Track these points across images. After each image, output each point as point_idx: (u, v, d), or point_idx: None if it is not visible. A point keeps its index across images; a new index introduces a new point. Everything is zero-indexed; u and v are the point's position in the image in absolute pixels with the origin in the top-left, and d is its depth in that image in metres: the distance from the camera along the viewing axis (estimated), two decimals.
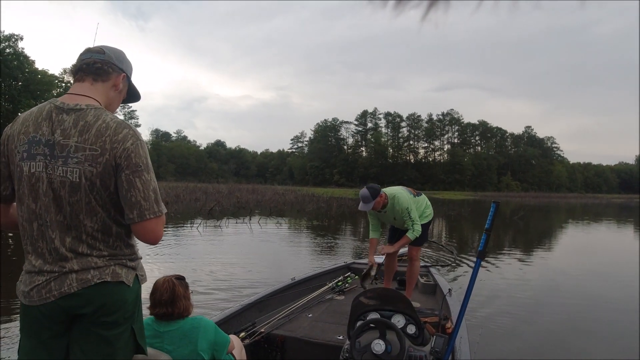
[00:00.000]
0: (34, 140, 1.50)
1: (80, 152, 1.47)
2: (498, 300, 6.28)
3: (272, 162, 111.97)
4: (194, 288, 5.90)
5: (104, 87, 1.61)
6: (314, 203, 27.81)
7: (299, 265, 8.08)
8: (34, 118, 1.53)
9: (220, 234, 12.81)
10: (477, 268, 2.62)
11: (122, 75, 1.66)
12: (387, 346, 2.48)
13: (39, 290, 1.48)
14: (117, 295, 1.53)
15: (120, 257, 1.57)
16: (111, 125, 1.51)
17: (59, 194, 1.49)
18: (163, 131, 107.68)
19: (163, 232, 1.60)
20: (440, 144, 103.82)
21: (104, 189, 1.50)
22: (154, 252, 8.72)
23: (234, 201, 25.86)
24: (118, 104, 1.71)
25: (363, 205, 4.19)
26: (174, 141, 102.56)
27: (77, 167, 1.47)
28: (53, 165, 1.48)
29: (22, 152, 1.51)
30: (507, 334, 4.92)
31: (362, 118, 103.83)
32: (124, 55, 1.70)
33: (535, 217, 25.94)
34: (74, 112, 1.51)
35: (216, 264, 8.09)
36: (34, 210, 1.50)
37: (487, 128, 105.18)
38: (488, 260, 9.32)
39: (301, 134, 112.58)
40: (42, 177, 1.49)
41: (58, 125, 1.50)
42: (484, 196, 67.35)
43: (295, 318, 3.78)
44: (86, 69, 1.60)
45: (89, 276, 1.50)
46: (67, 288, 1.48)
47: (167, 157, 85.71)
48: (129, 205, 1.50)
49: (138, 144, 1.52)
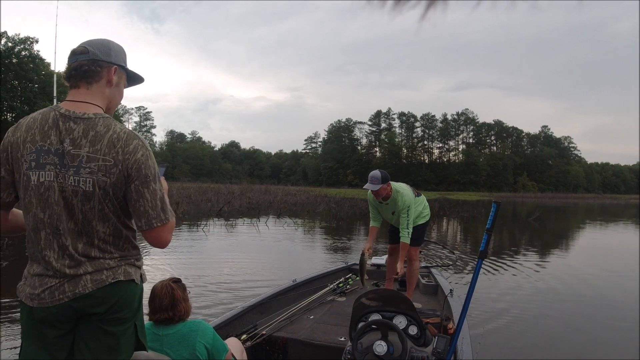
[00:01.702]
0: (42, 149, 1.50)
1: (93, 162, 1.49)
2: (502, 300, 6.23)
3: (285, 162, 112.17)
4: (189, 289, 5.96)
5: (98, 88, 1.60)
6: (325, 204, 27.75)
7: (302, 266, 8.04)
8: (39, 126, 1.53)
9: (225, 235, 12.86)
10: (478, 268, 2.61)
11: (112, 67, 1.61)
12: (389, 347, 2.48)
13: (51, 292, 1.51)
14: (128, 293, 1.59)
15: (129, 257, 1.62)
16: (122, 136, 1.53)
17: (70, 202, 1.51)
18: (178, 132, 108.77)
19: (171, 237, 1.65)
20: (455, 144, 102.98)
21: (116, 197, 1.54)
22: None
23: (245, 202, 25.96)
24: (120, 95, 1.70)
25: (370, 185, 4.20)
26: (189, 142, 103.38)
27: (90, 177, 1.49)
28: (64, 175, 1.50)
29: (29, 161, 1.51)
30: (509, 334, 4.89)
31: (375, 118, 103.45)
32: (109, 45, 1.63)
33: (551, 218, 25.59)
34: (82, 120, 1.52)
35: (216, 264, 8.04)
36: (41, 219, 1.52)
37: (503, 128, 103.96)
38: (495, 262, 9.24)
39: (315, 135, 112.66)
40: (53, 187, 1.50)
41: (67, 134, 1.51)
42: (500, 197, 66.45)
43: (296, 320, 3.78)
44: (76, 74, 1.58)
45: (102, 277, 1.54)
46: (82, 289, 1.51)
47: (181, 157, 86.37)
48: (138, 214, 1.55)
49: (147, 154, 1.56)
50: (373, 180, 4.16)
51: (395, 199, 4.31)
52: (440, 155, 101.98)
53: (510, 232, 18.24)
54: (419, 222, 4.42)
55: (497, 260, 9.59)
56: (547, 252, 11.44)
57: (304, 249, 10.83)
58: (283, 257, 9.53)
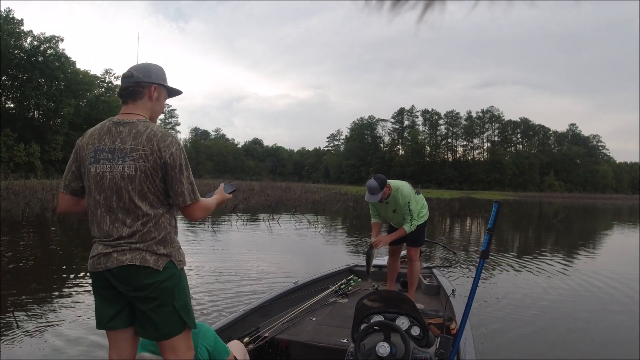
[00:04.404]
0: (98, 149, 1.99)
1: (135, 152, 1.94)
2: (506, 300, 6.13)
3: (308, 160, 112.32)
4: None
5: (142, 103, 2.09)
6: (343, 202, 27.66)
7: (302, 266, 8.01)
8: (97, 133, 2.03)
9: (235, 232, 12.90)
10: (480, 268, 2.59)
11: (152, 86, 2.10)
12: (391, 348, 2.49)
13: (99, 259, 1.95)
14: (147, 277, 1.93)
15: (164, 240, 1.99)
16: (158, 133, 1.98)
17: (119, 185, 1.94)
18: (202, 130, 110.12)
19: (202, 215, 2.10)
20: (479, 142, 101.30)
21: (153, 179, 1.95)
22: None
23: (264, 199, 26.10)
24: (161, 107, 2.19)
25: (370, 196, 4.20)
26: (213, 139, 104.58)
27: (132, 163, 1.93)
28: (114, 165, 1.95)
29: (89, 158, 1.99)
30: (513, 335, 4.81)
31: (398, 116, 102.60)
32: (149, 68, 2.12)
33: (577, 219, 25.00)
34: (128, 124, 2.00)
35: (215, 264, 7.92)
36: (98, 200, 1.98)
37: (530, 126, 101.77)
38: (504, 262, 9.11)
39: (337, 132, 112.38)
40: (106, 175, 1.96)
41: (117, 135, 1.99)
42: (525, 196, 65.48)
43: (299, 322, 3.79)
44: (125, 94, 2.09)
45: (124, 257, 1.92)
46: (111, 263, 1.92)
47: (205, 154, 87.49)
48: (176, 194, 1.99)
49: (180, 149, 2.01)
50: (372, 190, 4.16)
51: (395, 196, 4.31)
52: (465, 154, 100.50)
53: (530, 232, 17.93)
54: (418, 222, 4.40)
55: (506, 260, 9.45)
56: (564, 254, 11.09)
57: (309, 248, 10.77)
58: (283, 256, 9.39)
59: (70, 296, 5.79)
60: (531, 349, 4.44)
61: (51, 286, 6.27)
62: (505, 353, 4.27)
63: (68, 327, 4.63)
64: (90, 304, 5.39)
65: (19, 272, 6.98)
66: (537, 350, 4.43)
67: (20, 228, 11.57)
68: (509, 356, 4.20)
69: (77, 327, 4.63)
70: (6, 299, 5.45)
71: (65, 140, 48.70)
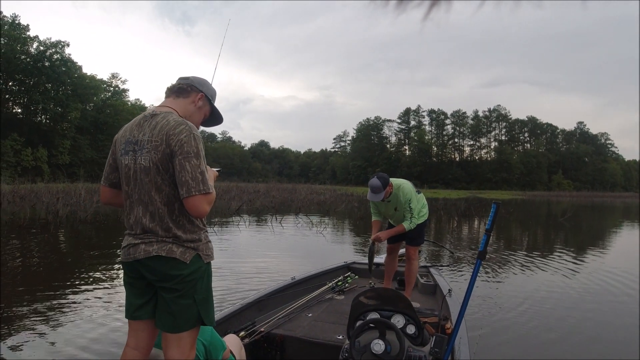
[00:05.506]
0: (128, 141, 2.00)
1: (150, 144, 1.92)
2: (503, 301, 6.06)
3: (314, 161, 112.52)
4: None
5: (184, 102, 2.11)
6: (347, 202, 27.60)
7: (306, 266, 7.94)
8: (130, 125, 2.05)
9: (237, 232, 12.91)
10: (477, 268, 2.56)
11: (200, 94, 2.14)
12: (386, 346, 2.46)
13: (128, 249, 1.97)
14: (172, 268, 1.92)
15: (186, 233, 1.96)
16: (171, 122, 1.93)
17: (140, 177, 1.95)
18: (209, 132, 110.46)
19: (209, 208, 1.93)
20: (486, 142, 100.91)
21: (165, 171, 1.92)
22: None
23: (269, 200, 26.09)
24: (199, 117, 2.17)
25: (373, 195, 4.18)
26: (219, 142, 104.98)
27: (147, 155, 1.92)
28: (137, 157, 1.95)
29: (121, 150, 2.02)
30: (507, 335, 4.76)
31: (405, 116, 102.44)
32: (206, 82, 2.21)
33: (585, 218, 24.77)
34: (153, 117, 2.00)
35: (214, 261, 8.03)
36: (126, 191, 2.01)
37: (537, 124, 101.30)
38: (504, 262, 9.03)
39: (344, 133, 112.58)
40: (131, 166, 1.97)
41: (143, 127, 1.99)
42: (533, 195, 64.96)
43: (295, 317, 3.79)
44: (172, 88, 2.14)
45: (151, 248, 1.93)
46: (138, 254, 1.93)
47: (212, 157, 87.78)
48: (180, 183, 1.88)
49: (191, 136, 1.90)
50: (374, 190, 4.14)
51: (396, 194, 4.30)
52: (472, 153, 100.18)
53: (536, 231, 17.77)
54: (418, 221, 4.38)
55: (506, 260, 9.36)
56: (569, 254, 10.91)
57: (310, 248, 10.75)
58: (282, 255, 9.39)
59: (70, 296, 5.80)
60: (527, 350, 4.38)
61: (51, 286, 6.28)
62: (500, 353, 4.21)
63: (68, 327, 4.64)
64: (91, 303, 5.43)
65: (20, 272, 7.02)
66: (533, 351, 4.37)
67: (23, 231, 11.67)
68: (504, 356, 4.14)
69: (77, 326, 4.63)
70: (6, 299, 5.47)
71: (72, 144, 49.14)
